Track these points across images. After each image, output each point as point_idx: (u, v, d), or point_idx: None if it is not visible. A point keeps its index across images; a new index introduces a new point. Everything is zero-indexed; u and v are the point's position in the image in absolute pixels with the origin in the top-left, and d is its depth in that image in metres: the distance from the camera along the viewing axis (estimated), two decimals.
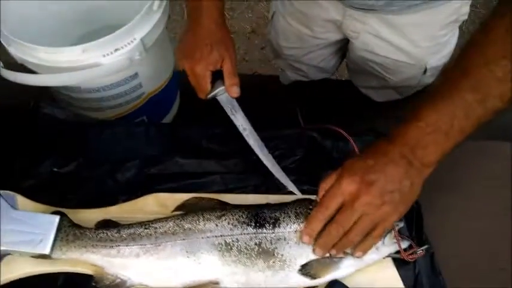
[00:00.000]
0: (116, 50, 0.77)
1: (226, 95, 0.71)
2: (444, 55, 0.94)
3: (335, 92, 1.11)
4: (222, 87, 0.71)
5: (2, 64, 0.77)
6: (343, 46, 1.03)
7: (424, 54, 0.90)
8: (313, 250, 0.57)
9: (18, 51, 0.77)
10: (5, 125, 0.73)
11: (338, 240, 0.55)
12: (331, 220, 0.55)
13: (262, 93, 1.12)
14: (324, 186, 0.57)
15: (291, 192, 0.67)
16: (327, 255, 0.58)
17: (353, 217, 0.53)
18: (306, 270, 0.58)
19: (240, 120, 0.71)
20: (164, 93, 0.97)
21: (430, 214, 0.66)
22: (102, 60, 0.77)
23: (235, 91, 0.71)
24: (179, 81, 0.99)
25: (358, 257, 0.58)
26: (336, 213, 0.55)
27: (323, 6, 0.88)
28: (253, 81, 1.29)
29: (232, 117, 0.71)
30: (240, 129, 0.70)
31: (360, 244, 0.56)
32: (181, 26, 1.90)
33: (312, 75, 1.12)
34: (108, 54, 0.77)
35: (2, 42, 0.78)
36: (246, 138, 0.70)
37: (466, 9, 0.87)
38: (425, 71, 0.94)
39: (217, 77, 0.71)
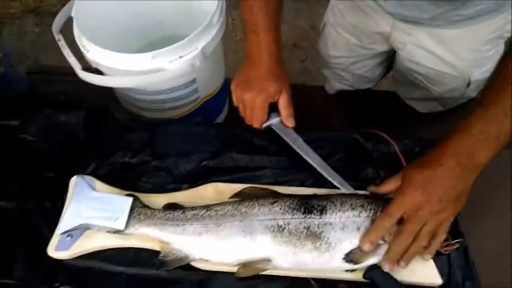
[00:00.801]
0: (180, 57, 0.91)
1: (282, 125, 0.81)
2: (488, 69, 1.01)
3: (378, 102, 1.21)
4: (277, 118, 0.81)
5: (81, 67, 0.92)
6: (389, 57, 1.13)
7: (467, 66, 0.98)
8: (383, 265, 0.66)
9: (95, 56, 0.92)
10: (82, 123, 0.88)
11: (406, 249, 0.65)
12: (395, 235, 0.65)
13: (305, 102, 1.23)
14: (384, 189, 0.70)
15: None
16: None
17: (419, 225, 0.64)
18: (349, 258, 0.68)
19: (301, 147, 0.80)
20: (216, 98, 1.10)
21: (475, 215, 0.75)
22: (168, 66, 0.90)
23: (292, 121, 0.81)
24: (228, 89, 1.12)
25: (427, 260, 0.68)
26: (400, 227, 0.65)
27: (374, 19, 0.99)
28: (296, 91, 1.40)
29: (293, 145, 0.80)
30: (303, 155, 0.79)
31: (427, 248, 0.67)
32: (228, 37, 2.05)
33: (356, 85, 1.22)
34: (173, 61, 0.90)
35: (81, 48, 0.93)
36: (310, 162, 0.78)
37: (510, 26, 0.94)
38: (468, 84, 1.02)
39: (271, 108, 0.81)
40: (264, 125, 0.81)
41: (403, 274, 0.68)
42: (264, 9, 0.79)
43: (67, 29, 0.99)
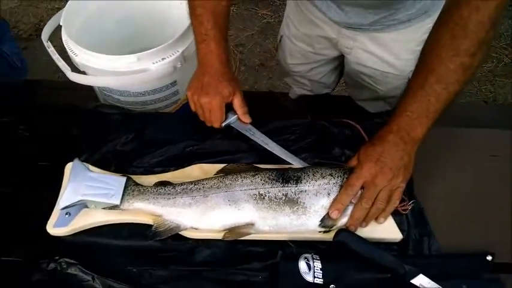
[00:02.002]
0: (163, 59, 0.95)
1: (240, 122, 0.86)
2: None
3: (336, 105, 1.29)
4: (234, 116, 0.86)
5: (70, 68, 0.94)
6: (340, 63, 1.21)
7: (406, 65, 1.06)
8: (348, 227, 0.73)
9: (83, 59, 0.95)
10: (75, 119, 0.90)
11: (367, 212, 0.72)
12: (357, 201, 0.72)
13: (273, 106, 1.30)
14: (349, 164, 0.77)
15: None
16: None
17: (376, 191, 0.72)
18: (323, 224, 0.73)
19: (260, 138, 0.85)
20: None
21: (428, 182, 0.82)
22: (151, 67, 0.95)
23: (248, 118, 0.86)
24: None
25: (380, 223, 0.74)
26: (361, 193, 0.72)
27: (322, 28, 1.07)
28: (264, 97, 1.48)
29: (252, 137, 0.85)
30: (263, 144, 0.84)
31: (383, 212, 0.73)
32: None
33: (315, 90, 1.30)
34: (156, 62, 0.95)
35: (69, 53, 0.96)
36: (271, 150, 0.83)
37: None
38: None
39: (227, 109, 0.85)
40: (223, 124, 0.86)
41: (369, 231, 0.74)
42: (212, 22, 0.82)
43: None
